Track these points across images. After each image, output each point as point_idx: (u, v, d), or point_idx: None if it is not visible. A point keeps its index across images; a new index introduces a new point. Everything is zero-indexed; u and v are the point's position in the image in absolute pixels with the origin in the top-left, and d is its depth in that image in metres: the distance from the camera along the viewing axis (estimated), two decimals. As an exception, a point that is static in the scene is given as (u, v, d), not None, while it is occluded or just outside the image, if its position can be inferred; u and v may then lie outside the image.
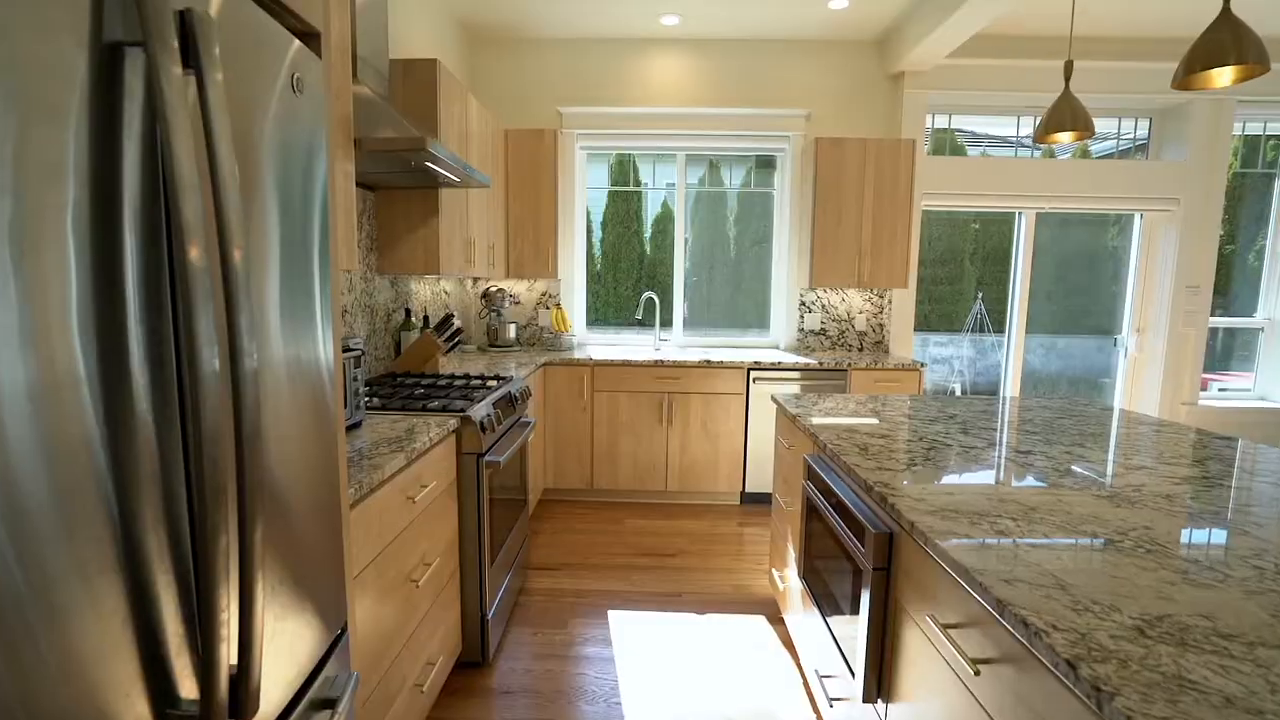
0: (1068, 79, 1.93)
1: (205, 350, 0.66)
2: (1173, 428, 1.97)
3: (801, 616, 2.03)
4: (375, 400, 2.16)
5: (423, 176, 2.45)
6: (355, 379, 1.76)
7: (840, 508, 1.58)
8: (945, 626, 1.04)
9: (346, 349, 1.72)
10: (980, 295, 4.50)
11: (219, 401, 0.68)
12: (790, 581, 2.23)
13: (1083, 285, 4.39)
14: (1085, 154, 4.37)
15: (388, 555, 1.49)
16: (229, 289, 0.72)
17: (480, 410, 2.10)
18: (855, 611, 1.45)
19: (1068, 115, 1.90)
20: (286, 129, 0.96)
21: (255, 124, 0.87)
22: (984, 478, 1.43)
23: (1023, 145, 4.27)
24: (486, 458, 2.06)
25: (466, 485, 2.04)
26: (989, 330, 4.53)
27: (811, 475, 1.85)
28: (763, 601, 2.65)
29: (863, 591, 1.38)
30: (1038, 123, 2.02)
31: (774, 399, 2.48)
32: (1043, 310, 4.39)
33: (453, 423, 1.94)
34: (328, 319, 1.10)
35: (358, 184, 2.56)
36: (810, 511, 1.89)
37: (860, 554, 1.40)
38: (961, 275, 4.52)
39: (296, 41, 0.97)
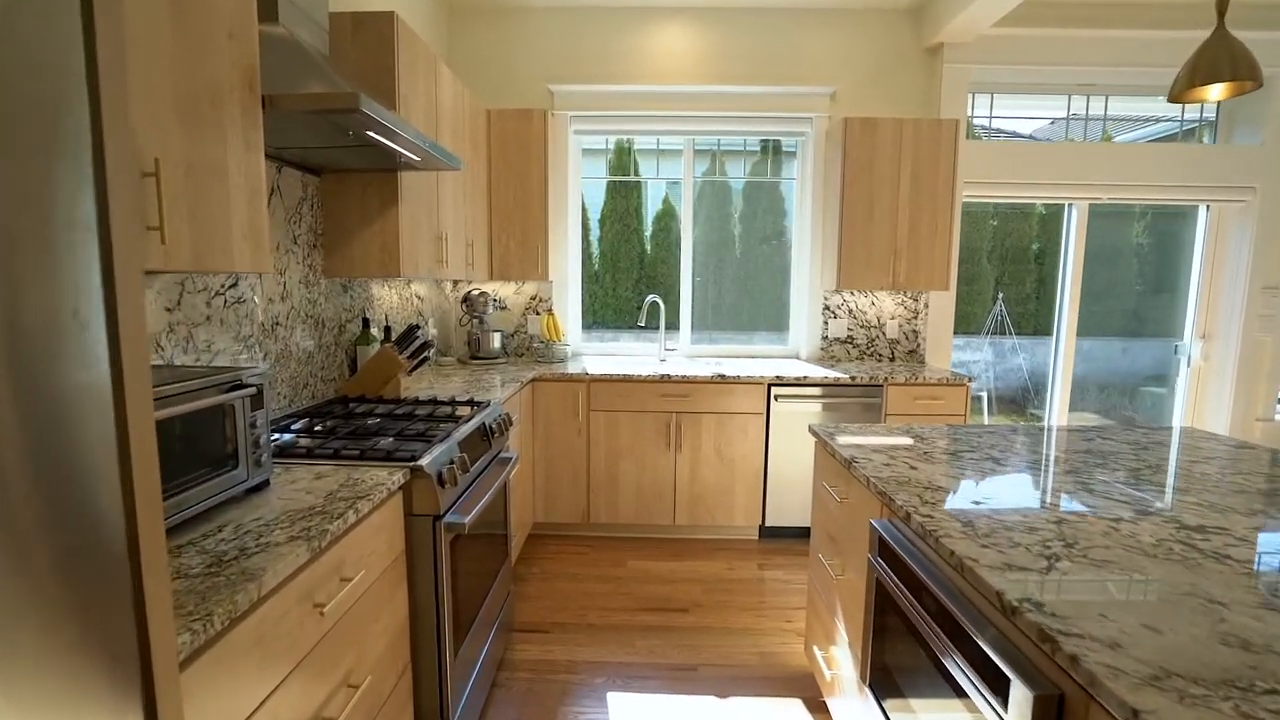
0: (1222, 12, 1.44)
1: None
2: (1355, 479, 1.49)
3: (857, 713, 1.54)
4: (306, 441, 1.66)
5: (375, 156, 1.96)
6: (254, 425, 1.26)
7: (945, 618, 1.09)
8: None
9: (238, 385, 1.22)
10: (1001, 296, 4.07)
11: None
12: (840, 670, 1.74)
13: (1105, 285, 3.92)
14: (1108, 138, 3.90)
15: (277, 700, 1.00)
16: None
17: (439, 456, 1.61)
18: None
19: (1225, 60, 1.40)
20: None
21: None
22: (1179, 585, 0.94)
23: (1039, 135, 3.79)
24: (447, 519, 1.57)
25: (420, 556, 1.54)
26: (1010, 333, 4.10)
27: (885, 551, 1.37)
28: (797, 678, 2.16)
29: (1002, 770, 0.90)
30: (1179, 75, 1.52)
31: (813, 431, 1.99)
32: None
33: (398, 477, 1.45)
34: (99, 352, 0.61)
35: (297, 166, 2.07)
36: (882, 598, 1.40)
37: (996, 712, 0.91)
38: (979, 274, 4.09)
39: None
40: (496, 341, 3.48)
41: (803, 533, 3.28)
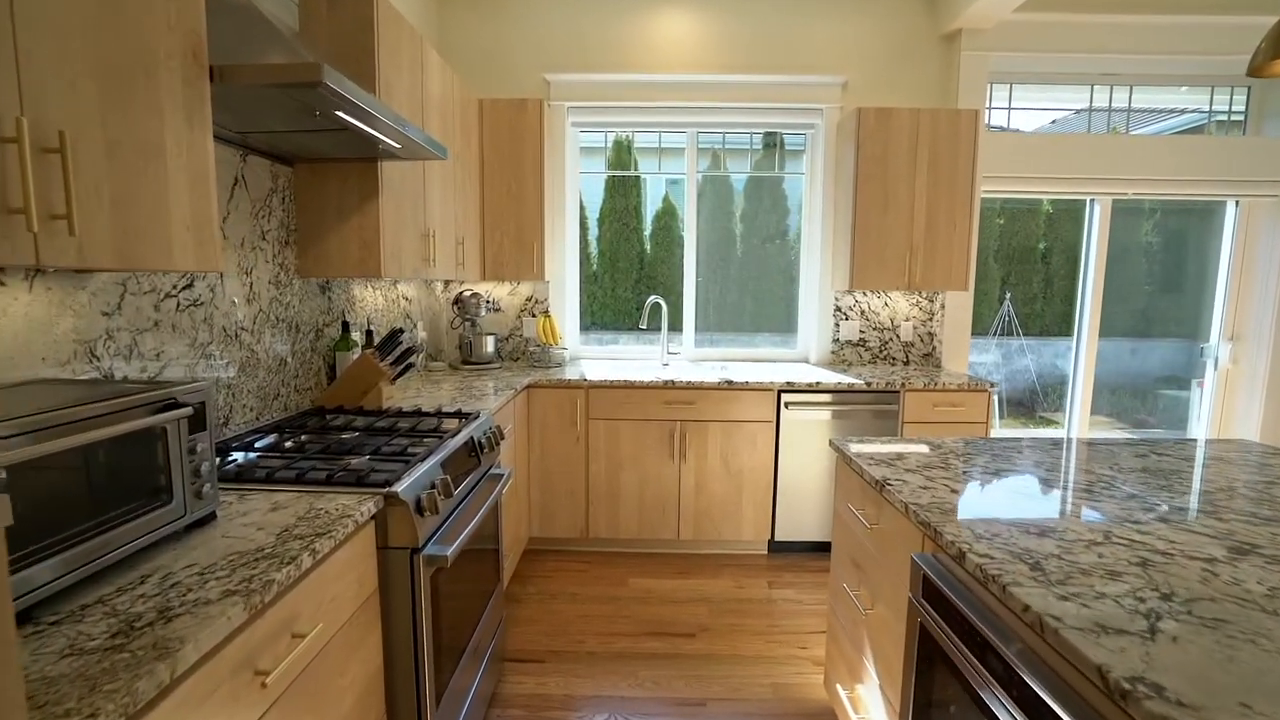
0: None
1: None
2: None
3: (898, 785, 1.36)
4: (271, 461, 1.47)
5: (352, 143, 1.77)
6: (194, 450, 1.07)
7: (1015, 686, 0.90)
8: None
9: (171, 404, 1.03)
10: (1009, 296, 3.92)
11: None
12: (869, 714, 1.56)
13: (1116, 284, 3.75)
14: (1116, 132, 3.72)
15: (206, 796, 0.81)
16: None
17: (419, 479, 1.42)
18: None
19: (1318, 27, 1.23)
20: None
21: None
22: (1319, 658, 0.76)
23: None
24: (426, 552, 1.38)
25: (395, 595, 1.35)
26: (1017, 333, 3.95)
27: (931, 592, 1.18)
28: (815, 715, 1.97)
29: None
30: (1260, 46, 1.34)
31: (835, 446, 1.80)
32: (1064, 311, 3.78)
33: (369, 506, 1.26)
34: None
35: (265, 154, 1.88)
36: (927, 644, 1.21)
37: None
38: (985, 274, 3.94)
39: None
40: (490, 345, 3.29)
41: (815, 548, 3.10)
